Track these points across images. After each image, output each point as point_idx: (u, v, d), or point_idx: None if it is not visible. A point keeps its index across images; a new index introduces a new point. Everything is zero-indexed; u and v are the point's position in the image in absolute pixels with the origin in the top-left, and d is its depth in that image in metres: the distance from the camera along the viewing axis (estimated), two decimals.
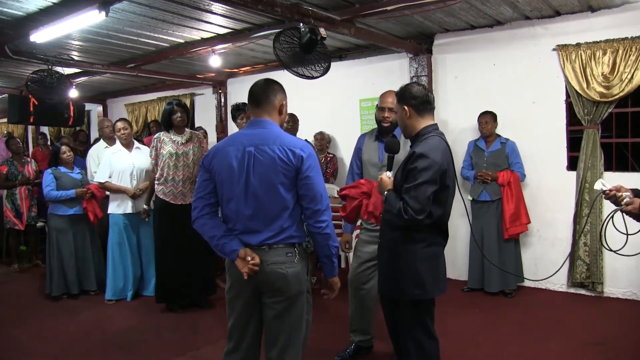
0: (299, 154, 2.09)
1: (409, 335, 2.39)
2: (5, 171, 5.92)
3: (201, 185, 2.19)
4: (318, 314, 4.27)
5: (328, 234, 2.14)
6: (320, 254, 2.21)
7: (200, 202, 2.18)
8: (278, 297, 2.13)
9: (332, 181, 5.94)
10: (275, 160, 2.07)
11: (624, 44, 4.20)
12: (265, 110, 2.21)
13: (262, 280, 2.12)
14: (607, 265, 4.46)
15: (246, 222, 2.12)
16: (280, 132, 2.18)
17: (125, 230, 4.71)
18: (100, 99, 9.06)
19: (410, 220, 2.16)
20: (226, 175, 2.12)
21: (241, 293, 2.18)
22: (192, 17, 4.39)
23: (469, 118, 4.95)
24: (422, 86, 2.43)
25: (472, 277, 4.78)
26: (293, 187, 2.11)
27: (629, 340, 3.54)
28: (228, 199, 2.14)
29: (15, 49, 4.82)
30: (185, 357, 3.48)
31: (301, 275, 2.16)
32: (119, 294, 4.72)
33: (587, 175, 4.49)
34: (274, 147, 2.09)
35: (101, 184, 4.70)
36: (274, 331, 2.17)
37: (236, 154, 2.11)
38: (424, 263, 2.29)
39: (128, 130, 4.76)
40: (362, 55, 5.90)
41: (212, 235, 2.16)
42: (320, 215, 2.11)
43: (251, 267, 2.05)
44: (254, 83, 2.28)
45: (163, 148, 4.24)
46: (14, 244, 6.26)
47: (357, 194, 2.76)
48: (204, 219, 2.17)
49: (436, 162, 2.17)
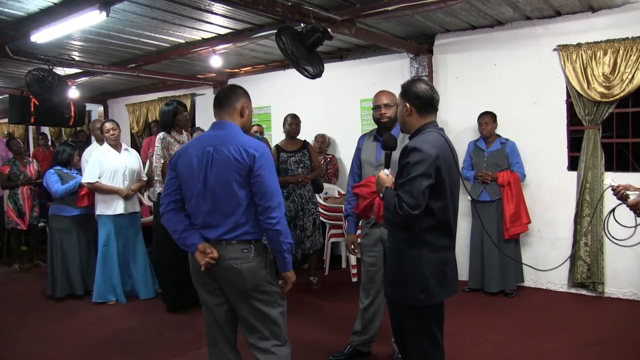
0: (252, 153, 2.20)
1: (413, 342, 2.30)
2: (7, 171, 5.93)
3: (168, 183, 2.36)
4: (317, 313, 4.29)
5: (279, 230, 2.24)
6: (273, 249, 2.32)
7: (167, 198, 2.34)
8: (233, 290, 2.29)
9: (334, 182, 5.95)
10: (230, 159, 2.20)
11: (624, 44, 4.20)
12: (227, 112, 2.35)
13: (218, 275, 2.28)
14: (607, 265, 4.45)
15: (205, 218, 2.26)
16: (237, 133, 2.30)
17: (115, 232, 4.63)
18: (101, 99, 9.08)
19: (405, 216, 2.08)
20: (188, 173, 2.27)
21: (202, 282, 2.36)
22: (192, 18, 4.39)
23: (469, 118, 4.95)
24: (430, 86, 2.30)
25: (472, 277, 4.78)
26: (247, 184, 2.22)
27: (629, 340, 3.54)
28: (190, 196, 2.29)
29: (16, 49, 4.83)
30: (186, 357, 3.48)
31: (257, 271, 2.27)
32: (105, 296, 4.64)
33: (587, 176, 4.48)
34: (230, 147, 2.22)
35: (91, 184, 4.56)
36: (240, 319, 2.36)
37: (197, 154, 2.26)
38: (430, 267, 2.19)
39: (117, 131, 4.70)
40: (362, 55, 5.90)
41: (174, 230, 2.31)
42: (271, 212, 2.21)
43: (208, 259, 2.21)
44: (221, 89, 2.43)
45: (171, 149, 4.20)
46: (15, 244, 6.27)
47: (367, 193, 2.74)
48: (169, 214, 2.33)
49: (430, 155, 2.08)
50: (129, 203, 4.66)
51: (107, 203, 4.62)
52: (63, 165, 4.92)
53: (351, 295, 3.96)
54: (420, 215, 2.10)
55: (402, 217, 2.10)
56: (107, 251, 4.63)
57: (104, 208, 4.63)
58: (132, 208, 4.69)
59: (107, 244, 4.63)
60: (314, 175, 4.95)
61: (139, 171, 4.79)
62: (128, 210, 4.65)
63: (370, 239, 3.18)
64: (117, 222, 4.64)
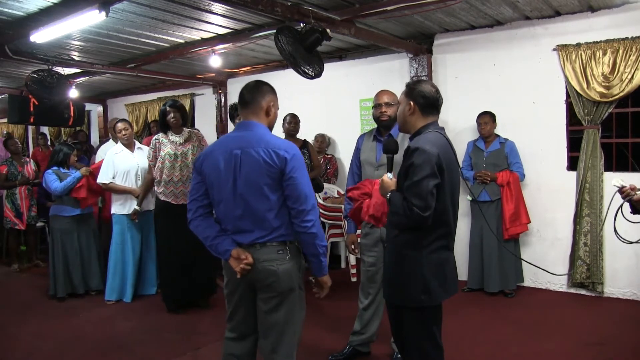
0: (283, 156, 2.12)
1: (414, 343, 2.30)
2: (5, 171, 5.92)
3: (194, 187, 2.27)
4: (316, 313, 4.29)
5: (314, 233, 2.17)
6: (308, 253, 2.25)
7: (194, 204, 2.25)
8: (270, 294, 2.20)
9: (334, 181, 5.95)
10: (260, 162, 2.11)
11: (624, 44, 4.20)
12: (253, 112, 2.25)
13: (254, 278, 2.19)
14: (607, 265, 4.45)
15: (236, 223, 2.18)
16: (265, 134, 2.21)
17: (129, 231, 4.68)
18: (101, 99, 9.06)
19: (416, 219, 2.08)
20: (215, 178, 2.19)
21: (236, 289, 2.28)
22: (192, 17, 4.39)
23: (469, 118, 4.95)
24: (435, 88, 2.32)
25: (472, 277, 4.78)
26: (278, 188, 2.14)
27: (629, 340, 3.54)
28: (218, 201, 2.21)
29: (16, 49, 4.83)
30: (185, 357, 3.48)
31: (292, 272, 2.21)
32: (117, 294, 4.69)
33: (587, 176, 4.49)
34: (258, 149, 2.13)
35: (105, 184, 4.66)
36: (266, 325, 2.24)
37: (223, 157, 2.17)
38: (430, 268, 2.20)
39: (129, 131, 4.74)
40: (362, 55, 5.90)
41: (206, 236, 2.23)
42: (306, 215, 2.14)
43: (244, 266, 2.13)
44: (245, 85, 2.33)
45: (162, 149, 4.24)
46: (13, 244, 6.26)
47: (359, 195, 2.74)
48: (197, 220, 2.25)
49: (433, 155, 2.10)
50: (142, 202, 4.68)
51: (121, 202, 4.68)
52: (60, 165, 4.91)
53: (350, 295, 3.96)
54: (431, 217, 2.09)
55: (413, 220, 2.10)
56: (122, 249, 4.67)
57: (118, 207, 4.69)
58: (146, 207, 4.70)
59: (121, 242, 4.67)
60: (313, 175, 4.95)
61: None
62: (142, 209, 4.68)
63: (370, 239, 3.18)
64: (131, 221, 4.68)
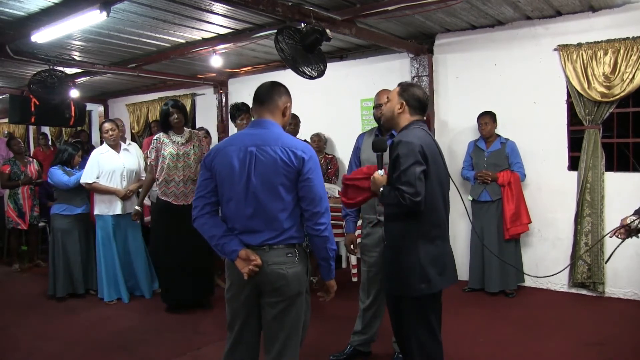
0: (301, 156, 2.09)
1: (413, 335, 2.38)
2: (7, 171, 5.93)
3: (202, 184, 2.19)
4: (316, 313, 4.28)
5: (326, 237, 2.13)
6: (318, 257, 2.20)
7: (201, 201, 2.17)
8: (277, 298, 2.13)
9: (334, 181, 5.94)
10: (277, 161, 2.07)
11: (625, 44, 4.20)
12: (269, 110, 2.21)
13: (262, 281, 2.12)
14: (608, 265, 4.44)
15: (245, 222, 2.11)
16: (281, 133, 2.17)
17: (113, 232, 4.64)
18: (102, 99, 9.08)
19: (409, 206, 2.20)
20: (227, 174, 2.11)
21: (240, 293, 2.18)
22: (193, 17, 4.39)
23: (469, 118, 4.94)
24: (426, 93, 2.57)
25: (472, 277, 4.77)
26: (293, 188, 2.10)
27: (629, 340, 3.54)
28: (228, 199, 2.13)
29: (17, 49, 4.83)
30: (185, 357, 3.48)
31: (301, 276, 2.16)
32: (112, 295, 4.66)
33: (588, 176, 4.48)
34: (275, 147, 2.08)
35: (89, 184, 4.58)
36: (272, 331, 2.17)
37: (238, 154, 2.11)
38: (427, 257, 2.31)
39: (116, 132, 4.70)
40: (363, 55, 5.90)
41: (212, 235, 2.15)
42: (320, 217, 2.11)
43: (252, 267, 2.06)
44: (261, 84, 2.30)
45: (164, 149, 4.22)
46: (15, 244, 6.27)
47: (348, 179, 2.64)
48: (204, 218, 2.17)
49: (416, 144, 2.24)
50: (127, 203, 4.66)
51: (105, 203, 4.63)
52: (64, 164, 4.92)
53: (351, 295, 3.95)
54: (423, 202, 2.22)
55: (407, 207, 2.22)
56: (107, 251, 4.64)
57: (102, 208, 4.64)
58: (130, 208, 4.67)
59: (105, 243, 4.63)
60: None
61: (138, 171, 4.79)
62: (126, 210, 4.65)
63: (371, 239, 3.17)
64: (115, 222, 4.64)
